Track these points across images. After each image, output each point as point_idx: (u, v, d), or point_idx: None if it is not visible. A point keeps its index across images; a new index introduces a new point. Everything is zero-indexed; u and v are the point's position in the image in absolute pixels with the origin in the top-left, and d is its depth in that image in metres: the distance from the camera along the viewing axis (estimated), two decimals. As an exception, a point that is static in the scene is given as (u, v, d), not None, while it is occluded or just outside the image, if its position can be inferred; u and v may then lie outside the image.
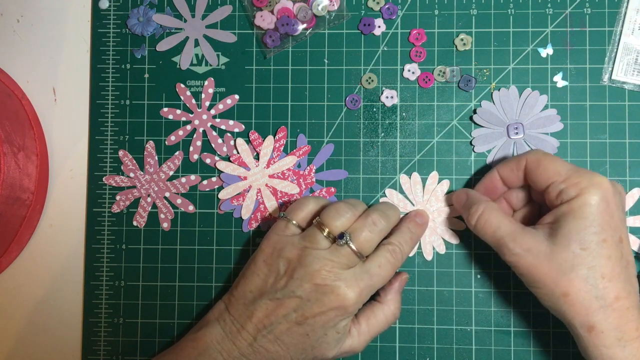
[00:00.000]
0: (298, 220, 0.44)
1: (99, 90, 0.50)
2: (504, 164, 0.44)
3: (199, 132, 0.50)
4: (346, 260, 0.42)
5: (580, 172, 0.40)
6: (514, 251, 0.40)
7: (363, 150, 0.49)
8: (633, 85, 0.48)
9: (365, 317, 0.45)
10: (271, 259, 0.43)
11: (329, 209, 0.43)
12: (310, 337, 0.42)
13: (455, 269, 0.48)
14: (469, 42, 0.49)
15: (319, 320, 0.41)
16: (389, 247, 0.43)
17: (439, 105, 0.49)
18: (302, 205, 0.45)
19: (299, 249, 0.42)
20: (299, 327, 0.41)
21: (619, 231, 0.39)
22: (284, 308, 0.41)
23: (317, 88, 0.49)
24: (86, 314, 0.49)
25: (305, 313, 0.41)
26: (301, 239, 0.43)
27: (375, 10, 0.49)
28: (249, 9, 0.50)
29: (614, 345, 0.38)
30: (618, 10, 0.48)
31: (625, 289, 0.39)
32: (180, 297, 0.49)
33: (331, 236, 0.42)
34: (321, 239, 0.42)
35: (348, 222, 0.42)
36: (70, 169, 0.50)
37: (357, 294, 0.41)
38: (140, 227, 0.50)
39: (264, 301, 0.42)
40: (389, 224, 0.43)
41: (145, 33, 0.50)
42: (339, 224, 0.42)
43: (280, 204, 0.49)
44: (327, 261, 0.41)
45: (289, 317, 0.41)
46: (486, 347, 0.48)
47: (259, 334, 0.42)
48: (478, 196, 0.44)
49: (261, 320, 0.42)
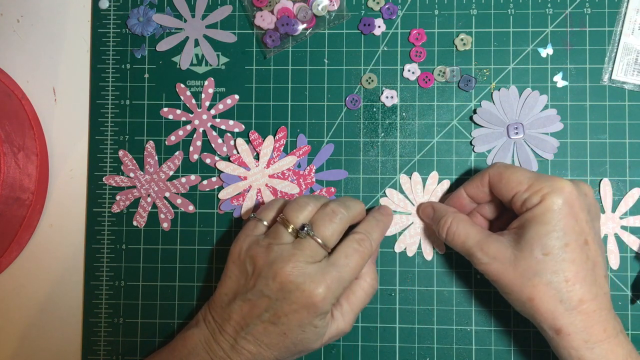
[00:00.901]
0: (267, 219, 0.44)
1: (99, 90, 0.50)
2: (468, 183, 0.44)
3: (199, 132, 0.50)
4: (310, 253, 0.41)
5: (541, 178, 0.40)
6: (482, 260, 0.41)
7: (363, 150, 0.49)
8: (633, 85, 0.48)
9: (344, 297, 0.44)
10: (239, 259, 0.43)
11: (291, 204, 0.43)
12: (288, 335, 0.41)
13: (455, 269, 0.48)
14: (469, 42, 0.49)
15: (292, 318, 0.41)
16: (356, 237, 0.43)
17: (439, 105, 0.49)
18: (271, 205, 0.45)
19: (264, 246, 0.42)
20: (274, 327, 0.41)
21: (584, 234, 0.39)
22: (256, 308, 0.41)
23: (317, 88, 0.49)
24: (86, 314, 0.49)
25: (277, 312, 0.41)
26: (266, 236, 0.43)
27: (375, 10, 0.49)
28: (249, 9, 0.50)
29: (582, 347, 0.38)
30: (618, 10, 0.48)
31: (591, 291, 0.39)
32: (180, 297, 0.49)
33: (294, 230, 0.42)
34: (285, 234, 0.42)
35: (310, 215, 0.42)
36: (70, 169, 0.50)
37: (325, 289, 0.40)
38: (140, 227, 0.50)
39: (237, 303, 0.42)
40: (348, 212, 0.43)
41: (145, 33, 0.50)
42: (301, 216, 0.42)
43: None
44: (291, 256, 0.41)
45: (262, 317, 0.41)
46: (486, 347, 0.48)
47: (238, 335, 0.42)
48: (444, 208, 0.45)
49: (238, 322, 0.42)
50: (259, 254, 0.42)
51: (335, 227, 0.42)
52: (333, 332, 0.43)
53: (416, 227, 0.48)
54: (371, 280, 0.44)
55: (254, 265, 0.42)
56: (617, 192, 0.48)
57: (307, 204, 0.43)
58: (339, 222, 0.42)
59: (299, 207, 0.42)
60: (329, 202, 0.43)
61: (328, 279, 0.41)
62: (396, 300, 0.48)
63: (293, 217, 0.42)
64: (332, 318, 0.43)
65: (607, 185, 0.47)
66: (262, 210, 0.45)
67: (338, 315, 0.43)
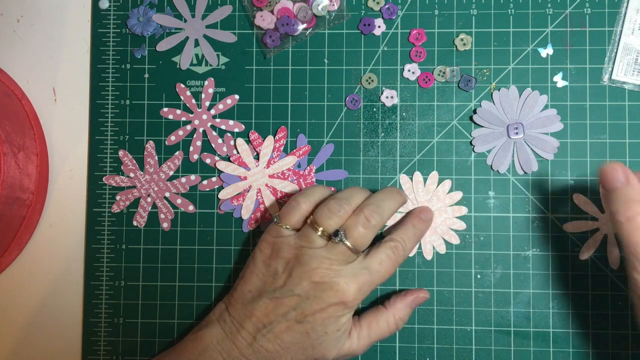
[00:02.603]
0: (291, 223, 0.44)
1: (99, 90, 0.50)
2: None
3: (199, 132, 0.50)
4: (343, 257, 0.42)
5: None
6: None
7: (363, 150, 0.49)
8: (633, 85, 0.48)
9: (367, 320, 0.44)
10: (269, 259, 0.43)
11: (321, 209, 0.43)
12: (311, 335, 0.42)
13: (455, 269, 0.48)
14: (469, 42, 0.49)
15: (318, 317, 0.41)
16: (391, 244, 0.43)
17: (439, 105, 0.49)
18: (293, 208, 0.44)
19: (295, 248, 0.42)
20: (299, 326, 0.41)
21: None
22: (283, 307, 0.41)
23: (317, 88, 0.49)
24: (86, 314, 0.49)
25: (305, 311, 0.41)
26: (297, 238, 0.43)
27: (375, 10, 0.49)
28: (249, 9, 0.50)
29: None
30: (618, 10, 0.48)
31: None
32: (180, 297, 0.49)
33: (325, 234, 0.42)
34: (316, 238, 0.42)
35: (341, 220, 0.42)
36: (70, 169, 0.50)
37: (357, 289, 0.41)
38: (140, 227, 0.50)
39: (263, 300, 0.42)
40: (382, 219, 0.43)
41: (145, 33, 0.50)
42: (332, 222, 0.42)
43: (280, 203, 0.49)
44: (324, 259, 0.41)
45: (288, 315, 0.41)
46: (486, 347, 0.48)
47: (258, 333, 0.42)
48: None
49: (260, 320, 0.42)
50: (291, 255, 0.42)
51: (368, 234, 0.42)
52: (345, 349, 0.43)
53: (416, 227, 0.48)
54: (398, 319, 0.45)
55: (286, 265, 0.42)
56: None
57: (337, 209, 0.42)
58: (372, 229, 0.42)
59: (329, 213, 0.42)
60: (363, 206, 0.43)
61: (360, 280, 0.42)
62: (396, 300, 0.48)
63: (323, 222, 0.42)
64: (349, 336, 0.43)
65: None
66: (284, 215, 0.44)
67: (355, 335, 0.44)
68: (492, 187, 0.48)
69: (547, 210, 0.48)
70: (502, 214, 0.48)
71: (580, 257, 0.47)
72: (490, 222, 0.48)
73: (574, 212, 0.48)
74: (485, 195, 0.48)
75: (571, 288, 0.48)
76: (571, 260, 0.48)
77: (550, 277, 0.48)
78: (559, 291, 0.48)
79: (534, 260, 0.48)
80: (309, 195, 0.44)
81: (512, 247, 0.48)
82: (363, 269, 0.42)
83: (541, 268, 0.48)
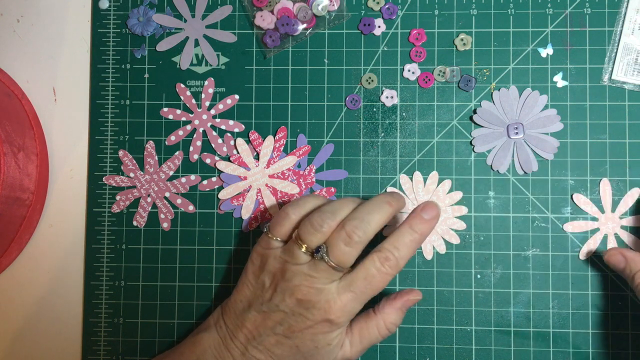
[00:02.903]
0: (280, 235, 0.42)
1: (99, 90, 0.50)
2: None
3: (199, 132, 0.50)
4: (326, 275, 0.40)
5: None
6: None
7: (363, 150, 0.49)
8: (633, 85, 0.48)
9: (358, 326, 0.43)
10: (259, 270, 0.42)
11: (304, 224, 0.41)
12: (301, 349, 0.41)
13: (455, 269, 0.48)
14: (469, 42, 0.49)
15: (307, 333, 0.40)
16: (380, 255, 0.40)
17: (439, 105, 0.49)
18: (282, 219, 0.42)
19: (280, 263, 0.41)
20: (287, 340, 0.41)
21: None
22: (270, 321, 0.41)
23: (317, 88, 0.49)
24: (86, 314, 0.49)
25: (292, 327, 0.40)
26: (283, 253, 0.41)
27: (375, 10, 0.49)
28: (249, 9, 0.50)
29: None
30: (618, 10, 0.48)
31: None
32: (180, 297, 0.49)
33: (309, 250, 0.40)
34: (300, 254, 0.40)
35: (324, 236, 0.40)
36: (70, 169, 0.50)
37: (340, 308, 0.40)
38: (140, 227, 0.50)
39: (252, 313, 0.42)
40: (367, 234, 0.40)
41: (145, 33, 0.50)
42: (314, 238, 0.40)
43: (280, 203, 0.49)
44: (306, 276, 0.40)
45: (276, 329, 0.41)
46: (486, 347, 0.48)
47: (249, 344, 0.41)
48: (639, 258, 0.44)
49: (251, 331, 0.41)
50: (276, 270, 0.41)
51: (351, 252, 0.40)
52: (339, 357, 0.42)
53: (416, 227, 0.48)
54: (389, 324, 0.42)
55: (272, 279, 0.41)
56: (617, 192, 0.48)
57: (320, 224, 0.40)
58: (355, 246, 0.39)
59: (312, 228, 0.40)
60: (346, 221, 0.40)
61: (344, 299, 0.40)
62: (396, 300, 0.48)
63: (306, 238, 0.40)
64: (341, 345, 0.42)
65: (606, 185, 0.47)
66: (273, 226, 0.43)
67: (347, 342, 0.42)
68: (492, 187, 0.48)
69: (547, 210, 0.48)
70: (502, 214, 0.48)
71: (581, 257, 0.47)
72: (490, 222, 0.48)
73: (574, 212, 0.48)
74: (485, 195, 0.48)
75: (571, 288, 0.48)
76: (571, 260, 0.48)
77: (550, 277, 0.48)
78: (559, 291, 0.48)
79: (534, 260, 0.48)
80: (299, 206, 0.43)
81: (512, 247, 0.48)
82: (347, 286, 0.40)
83: (541, 268, 0.48)
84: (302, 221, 0.41)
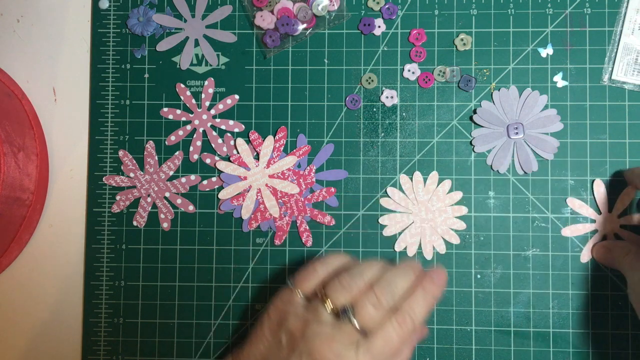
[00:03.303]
0: (304, 290, 0.41)
1: (99, 90, 0.50)
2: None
3: (199, 132, 0.50)
4: (349, 337, 0.39)
5: None
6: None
7: (363, 150, 0.49)
8: (633, 85, 0.48)
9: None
10: (276, 327, 0.41)
11: (332, 281, 0.40)
12: None
13: (455, 269, 0.48)
14: (469, 42, 0.49)
15: None
16: (398, 318, 0.39)
17: (439, 105, 0.49)
18: (309, 274, 0.42)
19: (302, 321, 0.40)
20: None
21: None
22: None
23: (317, 88, 0.49)
24: (86, 314, 0.49)
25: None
26: (305, 310, 0.40)
27: (375, 10, 0.49)
28: (249, 9, 0.50)
29: None
30: (618, 10, 0.48)
31: None
32: (180, 297, 0.49)
33: (334, 310, 0.39)
34: (324, 313, 0.39)
35: (351, 296, 0.39)
36: (70, 169, 0.50)
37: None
38: (140, 227, 0.50)
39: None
40: (394, 299, 0.40)
41: (145, 33, 0.50)
42: (341, 297, 0.39)
43: (281, 204, 0.49)
44: (328, 339, 0.38)
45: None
46: (486, 347, 0.48)
47: None
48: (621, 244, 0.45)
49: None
50: (296, 328, 0.39)
51: (377, 315, 0.39)
52: None
53: (417, 227, 0.48)
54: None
55: (290, 337, 0.40)
56: (618, 192, 0.47)
57: (349, 284, 0.40)
58: (383, 310, 0.39)
59: (340, 287, 0.39)
60: (375, 285, 0.40)
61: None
62: (396, 300, 0.48)
63: (333, 297, 0.39)
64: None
65: (600, 186, 0.47)
66: (300, 280, 0.42)
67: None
68: (492, 187, 0.48)
69: (547, 210, 0.48)
70: (502, 214, 0.48)
71: (582, 260, 0.47)
72: (490, 222, 0.48)
73: (574, 212, 0.48)
74: (485, 195, 0.48)
75: (571, 288, 0.48)
76: (571, 260, 0.48)
77: (550, 277, 0.48)
78: (559, 291, 0.48)
79: (534, 260, 0.48)
80: (327, 262, 0.42)
81: (512, 247, 0.48)
82: (367, 351, 0.38)
83: (541, 268, 0.48)
84: (330, 279, 0.41)
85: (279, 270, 0.49)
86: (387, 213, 0.49)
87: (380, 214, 0.49)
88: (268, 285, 0.49)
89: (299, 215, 0.49)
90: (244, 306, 0.49)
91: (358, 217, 0.49)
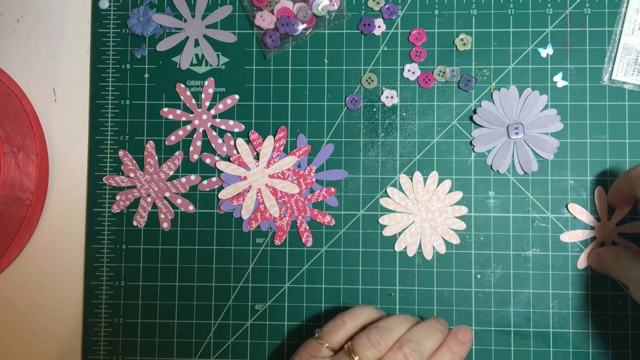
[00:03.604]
0: (331, 343, 0.41)
1: (99, 90, 0.50)
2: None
3: (199, 132, 0.50)
4: None
5: None
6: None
7: (363, 150, 0.49)
8: (633, 85, 0.48)
9: None
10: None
11: (361, 337, 0.40)
12: None
13: (455, 269, 0.48)
14: (469, 42, 0.49)
15: None
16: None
17: (439, 105, 0.49)
18: (337, 327, 0.42)
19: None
20: None
21: None
22: None
23: (317, 88, 0.49)
24: (86, 314, 0.49)
25: None
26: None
27: (375, 10, 0.49)
28: (249, 9, 0.50)
29: None
30: (618, 10, 0.48)
31: None
32: (180, 297, 0.49)
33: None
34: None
35: (379, 353, 0.39)
36: (70, 169, 0.50)
37: None
38: (140, 227, 0.50)
39: None
40: (422, 356, 0.40)
41: (145, 33, 0.50)
42: (369, 354, 0.39)
43: (281, 203, 0.49)
44: None
45: None
46: (486, 347, 0.48)
47: None
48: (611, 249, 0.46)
49: None
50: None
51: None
52: None
53: (416, 227, 0.48)
54: None
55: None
56: (617, 192, 0.48)
57: (378, 340, 0.39)
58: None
59: (370, 344, 0.39)
60: (404, 342, 0.40)
61: None
62: (396, 300, 0.48)
63: (361, 352, 0.39)
64: None
65: (601, 193, 0.47)
66: (327, 333, 0.42)
67: None
68: (492, 187, 0.48)
69: (547, 211, 0.48)
70: (502, 214, 0.48)
71: (579, 267, 0.47)
72: (490, 222, 0.48)
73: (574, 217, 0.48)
74: (485, 195, 0.48)
75: (571, 288, 0.48)
76: (571, 260, 0.48)
77: (550, 277, 0.48)
78: (559, 291, 0.48)
79: (534, 260, 0.48)
80: (355, 315, 0.42)
81: (512, 247, 0.48)
82: None
83: (541, 268, 0.48)
84: (358, 334, 0.41)
85: (279, 270, 0.49)
86: (387, 213, 0.49)
87: (380, 214, 0.49)
88: (268, 285, 0.49)
89: (299, 215, 0.49)
90: (244, 306, 0.49)
91: (358, 217, 0.49)
